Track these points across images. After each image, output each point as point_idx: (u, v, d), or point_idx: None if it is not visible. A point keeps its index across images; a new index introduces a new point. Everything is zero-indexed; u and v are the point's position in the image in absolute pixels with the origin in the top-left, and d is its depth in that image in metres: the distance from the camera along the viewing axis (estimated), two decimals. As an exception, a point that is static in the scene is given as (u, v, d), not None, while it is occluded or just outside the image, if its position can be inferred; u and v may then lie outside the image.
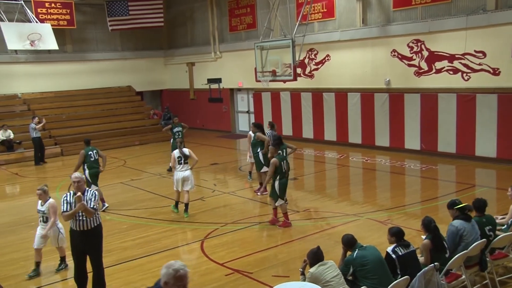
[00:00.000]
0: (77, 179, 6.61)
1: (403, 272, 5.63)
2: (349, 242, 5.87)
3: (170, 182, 14.15)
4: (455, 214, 6.59)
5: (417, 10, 15.49)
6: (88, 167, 11.21)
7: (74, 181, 6.60)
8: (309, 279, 5.40)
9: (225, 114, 23.78)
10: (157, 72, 27.10)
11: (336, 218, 10.01)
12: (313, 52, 18.89)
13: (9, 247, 9.34)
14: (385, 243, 6.20)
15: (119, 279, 7.44)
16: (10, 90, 22.63)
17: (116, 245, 8.94)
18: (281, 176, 9.29)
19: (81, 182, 6.64)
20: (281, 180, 9.31)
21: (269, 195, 9.82)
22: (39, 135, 18.08)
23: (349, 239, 5.89)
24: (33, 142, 18.03)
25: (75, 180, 6.60)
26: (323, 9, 18.25)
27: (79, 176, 6.67)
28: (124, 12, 23.54)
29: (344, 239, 5.93)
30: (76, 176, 6.64)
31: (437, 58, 15.09)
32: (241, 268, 7.62)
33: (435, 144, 15.47)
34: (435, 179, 13.27)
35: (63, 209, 6.55)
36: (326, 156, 17.00)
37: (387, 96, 16.57)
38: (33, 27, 20.78)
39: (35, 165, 17.94)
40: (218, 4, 23.24)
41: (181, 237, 9.30)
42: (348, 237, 5.91)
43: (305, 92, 19.31)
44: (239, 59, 21.88)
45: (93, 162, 11.29)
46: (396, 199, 11.36)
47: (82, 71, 24.35)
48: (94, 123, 22.48)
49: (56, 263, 8.07)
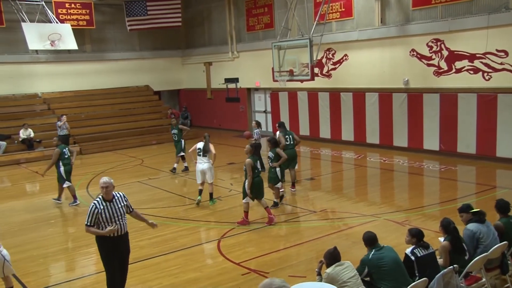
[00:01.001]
0: (105, 184, 6.17)
1: (422, 274, 5.55)
2: (369, 239, 5.76)
3: (187, 181, 14.26)
4: (469, 218, 6.48)
5: (437, 9, 15.29)
6: (63, 164, 11.88)
7: (103, 186, 6.17)
8: (326, 279, 5.36)
9: (242, 113, 23.79)
10: (175, 72, 27.25)
11: (353, 218, 9.93)
12: (331, 51, 18.78)
13: (29, 244, 9.48)
14: (403, 244, 6.13)
15: (136, 277, 7.48)
16: (30, 90, 22.99)
17: (132, 243, 8.90)
18: (255, 175, 9.59)
19: (110, 187, 6.21)
20: (255, 179, 9.62)
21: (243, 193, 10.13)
22: (64, 133, 18.30)
23: (370, 236, 5.77)
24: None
25: (103, 185, 6.17)
26: (341, 9, 18.13)
27: (108, 181, 6.21)
28: (142, 12, 23.73)
29: (365, 236, 5.81)
30: (105, 182, 6.19)
31: (457, 57, 14.87)
32: (257, 268, 7.60)
33: (455, 145, 15.25)
34: (454, 180, 13.08)
35: (87, 222, 6.13)
36: (344, 156, 16.89)
37: (406, 96, 16.39)
38: (54, 27, 21.09)
39: None
40: (235, 3, 23.27)
41: (198, 236, 9.32)
42: (370, 235, 5.79)
43: (323, 92, 19.21)
44: (257, 58, 21.88)
45: (67, 159, 11.99)
46: (414, 200, 11.22)
47: (100, 70, 24.62)
48: (112, 122, 22.72)
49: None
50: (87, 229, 6.22)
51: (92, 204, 6.18)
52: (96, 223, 6.17)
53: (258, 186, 9.69)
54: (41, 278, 7.76)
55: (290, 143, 12.18)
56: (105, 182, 6.21)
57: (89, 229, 6.21)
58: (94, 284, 7.37)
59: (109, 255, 6.35)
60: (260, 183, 9.76)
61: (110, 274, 6.44)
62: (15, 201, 12.36)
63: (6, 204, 12.26)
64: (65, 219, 11.23)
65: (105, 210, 6.16)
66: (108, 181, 6.24)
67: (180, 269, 7.74)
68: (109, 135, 21.75)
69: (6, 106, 21.79)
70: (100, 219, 6.15)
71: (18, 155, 19.12)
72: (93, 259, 8.39)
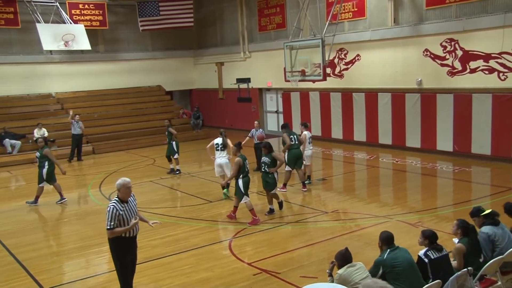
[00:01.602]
0: (129, 184, 6.19)
1: (435, 276, 5.49)
2: (387, 239, 5.68)
3: (199, 181, 14.30)
4: (481, 221, 6.40)
5: (451, 8, 15.14)
6: (48, 165, 11.98)
7: (128, 187, 6.14)
8: (338, 280, 5.32)
9: (253, 114, 23.78)
10: (187, 72, 27.34)
11: (365, 219, 9.87)
12: (343, 51, 18.70)
13: (42, 243, 9.58)
14: (416, 246, 6.07)
15: (148, 276, 7.51)
16: (44, 90, 23.23)
17: (145, 243, 9.03)
18: (243, 174, 9.77)
19: (131, 187, 6.25)
20: (244, 178, 9.79)
21: (234, 193, 10.21)
22: (76, 132, 18.40)
23: (388, 236, 5.69)
24: (71, 138, 18.59)
25: (129, 185, 6.15)
26: (353, 9, 18.04)
27: (129, 180, 6.22)
28: (155, 12, 23.85)
29: (383, 236, 5.72)
30: (129, 182, 6.19)
31: (471, 57, 14.71)
32: (269, 268, 7.59)
33: (469, 146, 15.09)
34: (468, 181, 12.94)
35: (110, 225, 6.04)
36: (356, 156, 16.81)
37: (419, 97, 16.25)
38: (67, 28, 21.30)
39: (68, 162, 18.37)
40: (247, 4, 23.28)
41: (209, 236, 9.33)
42: (388, 234, 5.71)
43: (335, 92, 19.14)
44: (268, 59, 21.86)
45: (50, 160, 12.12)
46: (427, 201, 11.12)
47: (113, 71, 24.80)
48: (124, 122, 22.86)
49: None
50: (111, 232, 6.07)
51: (111, 207, 6.07)
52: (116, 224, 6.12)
53: (246, 185, 9.84)
54: (55, 276, 7.83)
55: (295, 143, 12.26)
56: (129, 182, 6.17)
57: (113, 231, 6.07)
58: (107, 282, 7.42)
59: (125, 255, 6.31)
60: (248, 183, 9.93)
61: (123, 275, 6.42)
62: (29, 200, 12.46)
63: (20, 203, 12.40)
64: (78, 217, 11.31)
65: (124, 211, 6.14)
66: (129, 181, 6.21)
67: (191, 269, 7.75)
68: (121, 134, 21.89)
69: (20, 106, 22.06)
70: (120, 220, 6.10)
71: (32, 154, 19.21)
72: (106, 257, 8.44)
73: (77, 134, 18.39)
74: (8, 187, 14.38)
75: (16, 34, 22.16)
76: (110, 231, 6.08)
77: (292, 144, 12.20)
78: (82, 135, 18.81)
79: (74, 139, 18.44)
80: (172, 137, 15.05)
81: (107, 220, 6.05)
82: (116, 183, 6.25)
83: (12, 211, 11.98)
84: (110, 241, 6.28)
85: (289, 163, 12.25)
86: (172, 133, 15.06)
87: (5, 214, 11.81)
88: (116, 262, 6.40)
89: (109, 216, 6.03)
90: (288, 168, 12.32)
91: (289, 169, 12.31)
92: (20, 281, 7.63)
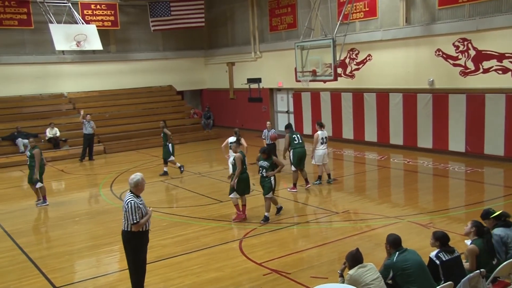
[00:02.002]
0: (144, 180, 6.46)
1: (447, 278, 5.44)
2: (395, 242, 5.65)
3: (210, 180, 14.31)
4: (493, 223, 6.33)
5: (464, 7, 15.00)
6: (40, 165, 11.96)
7: (143, 183, 6.41)
8: (348, 281, 5.30)
9: (264, 114, 23.77)
10: (198, 72, 27.41)
11: (376, 220, 9.81)
12: (354, 51, 18.62)
13: (55, 241, 9.66)
14: (427, 247, 6.02)
15: (158, 275, 7.54)
16: (57, 90, 23.44)
17: (155, 242, 9.06)
18: (242, 171, 9.88)
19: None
20: (243, 175, 9.91)
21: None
22: (87, 132, 18.40)
23: (395, 239, 5.65)
24: (83, 138, 18.70)
25: (143, 182, 6.41)
26: (365, 8, 17.95)
27: (142, 175, 6.47)
28: (166, 12, 23.95)
29: (391, 238, 5.68)
30: (143, 178, 6.45)
31: (485, 57, 14.56)
32: (279, 268, 7.58)
33: (481, 146, 14.94)
34: (480, 182, 12.80)
35: (136, 219, 6.22)
36: (367, 157, 16.73)
37: (431, 97, 16.13)
38: (79, 28, 21.45)
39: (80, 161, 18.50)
40: (258, 4, 23.28)
41: (220, 236, 9.34)
42: (396, 237, 5.67)
43: (346, 92, 19.07)
44: (279, 59, 21.84)
45: (42, 160, 12.10)
46: (439, 202, 11.02)
47: (124, 70, 24.94)
48: (135, 122, 22.97)
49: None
50: (138, 225, 6.24)
51: (131, 202, 6.22)
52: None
53: (245, 182, 9.96)
54: (66, 274, 7.89)
55: (299, 142, 12.36)
56: (143, 178, 6.40)
57: (139, 224, 6.24)
58: (118, 281, 7.45)
59: (142, 249, 6.50)
60: (247, 179, 10.02)
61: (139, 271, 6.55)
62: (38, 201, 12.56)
63: (32, 202, 12.50)
64: (90, 216, 11.39)
65: (142, 204, 6.36)
66: (142, 176, 6.45)
67: (202, 268, 7.76)
68: (132, 134, 22.00)
69: (33, 105, 22.28)
70: (140, 214, 6.27)
71: (45, 153, 19.32)
72: (117, 257, 8.50)
73: (89, 133, 18.48)
74: (21, 186, 14.52)
75: (29, 35, 22.39)
76: (136, 225, 6.24)
77: (296, 144, 12.31)
78: (93, 135, 18.89)
79: (86, 138, 18.54)
80: (167, 138, 14.84)
81: (132, 215, 6.20)
82: (133, 179, 6.35)
83: (24, 209, 12.10)
84: (131, 236, 6.35)
85: (293, 163, 12.30)
86: (167, 135, 14.81)
87: (18, 213, 11.92)
88: (131, 261, 6.49)
89: (132, 211, 6.19)
90: (293, 168, 12.37)
91: (294, 169, 12.32)
92: (33, 279, 7.70)
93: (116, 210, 11.51)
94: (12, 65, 22.07)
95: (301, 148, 12.35)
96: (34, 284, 7.52)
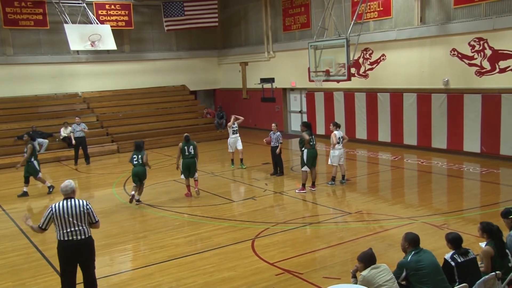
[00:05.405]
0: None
1: (462, 280, 5.38)
2: (413, 240, 5.59)
3: (223, 180, 14.34)
4: (511, 223, 6.24)
5: (480, 6, 14.82)
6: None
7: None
8: (361, 282, 5.27)
9: (277, 113, 23.75)
10: (211, 72, 27.47)
11: (389, 220, 9.74)
12: (368, 51, 18.51)
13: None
14: (442, 248, 5.96)
15: (171, 275, 7.56)
16: (71, 89, 23.65)
17: (168, 241, 9.11)
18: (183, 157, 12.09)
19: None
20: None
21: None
22: (77, 135, 17.99)
23: (414, 238, 5.60)
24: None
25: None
26: (379, 8, 17.83)
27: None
28: (179, 12, 24.06)
29: (410, 237, 5.63)
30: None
31: (501, 57, 14.37)
32: (291, 268, 7.56)
33: (497, 147, 14.74)
34: (496, 183, 12.63)
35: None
36: (380, 157, 16.61)
37: (445, 97, 15.97)
38: (94, 28, 21.62)
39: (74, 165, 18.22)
40: (272, 3, 23.26)
41: (232, 236, 9.34)
42: (414, 236, 5.62)
43: (359, 93, 18.96)
44: (293, 58, 21.80)
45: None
46: (454, 203, 10.91)
47: (138, 70, 25.09)
48: (149, 121, 23.08)
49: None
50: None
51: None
52: None
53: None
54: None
55: (313, 143, 12.45)
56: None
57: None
58: (131, 280, 7.50)
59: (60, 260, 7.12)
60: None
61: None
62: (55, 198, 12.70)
63: (46, 201, 12.65)
64: (103, 216, 11.43)
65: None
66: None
67: (214, 268, 7.77)
68: (145, 134, 22.10)
69: (48, 105, 22.50)
70: None
71: (59, 152, 19.68)
72: (130, 256, 8.55)
73: (79, 137, 18.00)
74: (35, 185, 14.67)
75: (44, 35, 22.64)
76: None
77: (311, 144, 12.33)
78: (84, 138, 18.21)
79: (76, 142, 18.08)
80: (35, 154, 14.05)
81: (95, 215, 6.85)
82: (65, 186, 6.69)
83: (38, 208, 12.23)
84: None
85: (306, 163, 12.23)
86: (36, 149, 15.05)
87: (32, 211, 12.06)
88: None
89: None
90: (305, 168, 12.24)
91: (306, 169, 12.24)
92: (47, 277, 7.79)
93: (129, 209, 11.59)
94: (28, 65, 22.30)
95: (314, 150, 12.35)
96: (49, 282, 7.60)
